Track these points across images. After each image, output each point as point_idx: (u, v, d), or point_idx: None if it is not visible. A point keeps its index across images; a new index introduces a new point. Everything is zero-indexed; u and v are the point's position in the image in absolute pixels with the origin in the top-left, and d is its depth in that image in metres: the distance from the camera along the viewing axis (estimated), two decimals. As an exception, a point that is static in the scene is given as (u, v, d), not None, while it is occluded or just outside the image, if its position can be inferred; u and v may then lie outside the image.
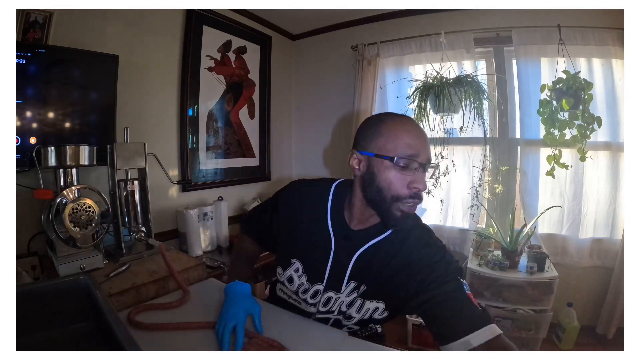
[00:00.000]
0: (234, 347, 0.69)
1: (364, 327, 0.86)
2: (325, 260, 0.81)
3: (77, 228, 1.00)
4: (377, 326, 0.93)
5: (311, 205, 0.85)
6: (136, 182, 1.24)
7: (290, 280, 0.86)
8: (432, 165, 0.75)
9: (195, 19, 1.86)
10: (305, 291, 0.84)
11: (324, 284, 0.81)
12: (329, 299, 0.82)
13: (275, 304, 0.91)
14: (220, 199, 2.02)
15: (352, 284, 0.79)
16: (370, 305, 0.79)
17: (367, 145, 0.74)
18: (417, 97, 1.96)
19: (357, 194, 0.78)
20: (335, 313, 0.82)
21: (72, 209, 0.99)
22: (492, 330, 0.65)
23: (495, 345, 0.64)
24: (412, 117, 2.03)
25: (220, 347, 0.69)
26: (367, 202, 0.76)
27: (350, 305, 0.80)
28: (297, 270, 0.85)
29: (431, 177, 0.70)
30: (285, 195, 0.91)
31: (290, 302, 0.90)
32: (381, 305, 0.79)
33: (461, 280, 0.72)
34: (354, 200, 0.79)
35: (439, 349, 0.70)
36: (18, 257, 1.14)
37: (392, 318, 0.82)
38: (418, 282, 0.72)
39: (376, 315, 0.80)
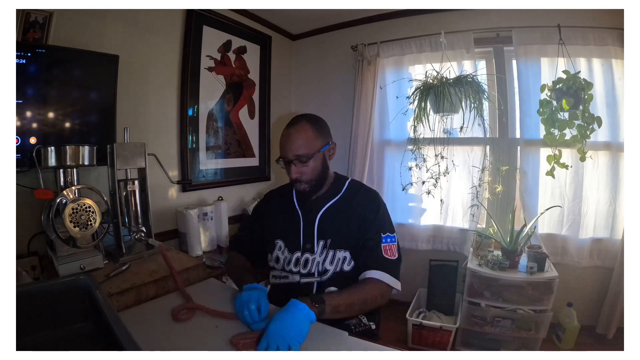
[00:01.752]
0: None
1: (340, 281, 0.97)
2: (298, 230, 1.03)
3: (77, 228, 1.00)
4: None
5: (279, 198, 1.12)
6: (136, 182, 1.24)
7: (277, 260, 1.05)
8: (301, 159, 0.95)
9: (195, 19, 1.86)
10: (289, 262, 1.03)
11: (301, 249, 1.02)
12: (307, 260, 1.01)
13: (274, 293, 1.05)
14: (220, 199, 2.02)
15: (322, 243, 1.00)
16: (340, 254, 0.99)
17: None
18: (417, 97, 1.96)
19: None
20: (315, 275, 0.99)
21: (72, 209, 0.99)
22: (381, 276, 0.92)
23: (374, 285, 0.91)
24: (412, 116, 2.04)
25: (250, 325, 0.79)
26: None
27: (324, 261, 0.99)
28: (280, 248, 1.05)
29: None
30: (259, 203, 1.20)
31: (281, 283, 1.05)
32: (347, 255, 0.99)
33: (382, 235, 0.97)
34: None
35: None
36: (18, 257, 1.14)
37: (358, 270, 0.97)
38: (360, 227, 0.97)
39: (345, 266, 0.99)
